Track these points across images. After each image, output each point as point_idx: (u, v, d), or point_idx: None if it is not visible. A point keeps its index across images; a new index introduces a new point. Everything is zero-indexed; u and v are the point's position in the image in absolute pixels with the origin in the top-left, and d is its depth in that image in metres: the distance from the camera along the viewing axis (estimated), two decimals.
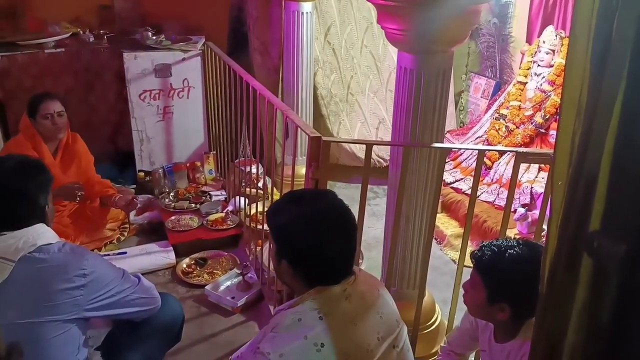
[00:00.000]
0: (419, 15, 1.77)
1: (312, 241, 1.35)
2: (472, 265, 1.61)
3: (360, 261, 2.85)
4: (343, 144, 3.91)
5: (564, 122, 0.75)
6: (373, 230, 3.39)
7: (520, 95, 3.72)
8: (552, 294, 0.83)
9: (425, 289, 2.21)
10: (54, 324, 1.49)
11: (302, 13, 3.36)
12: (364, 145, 1.91)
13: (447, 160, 3.89)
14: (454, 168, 3.76)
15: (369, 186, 3.82)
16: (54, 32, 3.59)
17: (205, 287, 2.69)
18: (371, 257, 2.95)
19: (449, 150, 2.77)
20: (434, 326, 2.29)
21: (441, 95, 1.94)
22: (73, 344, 1.56)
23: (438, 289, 2.72)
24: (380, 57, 4.15)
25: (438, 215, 3.46)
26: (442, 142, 2.02)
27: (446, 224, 3.38)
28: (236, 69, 2.96)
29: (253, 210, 2.84)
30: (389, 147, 2.40)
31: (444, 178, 3.65)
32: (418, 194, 2.07)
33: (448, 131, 4.22)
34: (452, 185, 3.60)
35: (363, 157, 3.86)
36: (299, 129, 2.18)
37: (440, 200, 3.47)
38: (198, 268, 2.91)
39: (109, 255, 2.95)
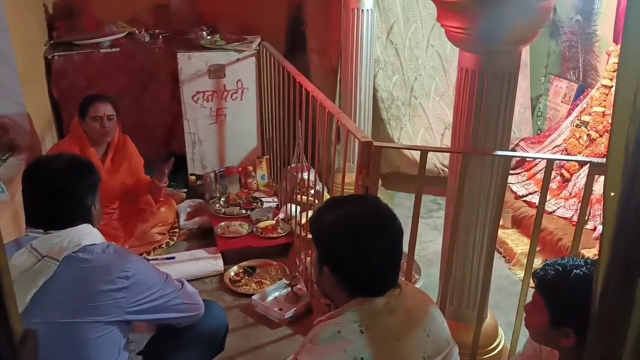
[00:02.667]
0: (482, 12, 1.78)
1: (353, 247, 1.37)
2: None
3: (417, 277, 2.84)
4: (404, 151, 3.90)
5: (617, 128, 0.74)
6: (434, 245, 3.37)
7: (604, 100, 3.60)
8: (605, 315, 0.82)
9: (486, 310, 2.19)
10: (96, 325, 1.58)
11: (363, 11, 3.40)
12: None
13: (520, 171, 3.82)
14: (527, 180, 3.68)
15: (433, 197, 3.90)
16: (109, 32, 3.80)
17: (253, 296, 2.77)
18: (430, 274, 2.93)
19: (511, 158, 2.73)
20: (495, 351, 2.26)
21: (507, 98, 1.92)
22: (114, 346, 1.65)
23: (503, 311, 2.67)
24: (447, 58, 4.12)
25: (508, 232, 3.39)
26: (507, 150, 2.00)
27: (516, 241, 3.31)
28: (290, 69, 3.03)
29: (305, 219, 2.89)
30: None
31: (515, 190, 3.61)
32: (479, 205, 2.05)
33: (522, 139, 4.13)
34: (524, 198, 3.52)
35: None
36: (350, 134, 2.21)
37: (510, 215, 3.41)
38: (246, 277, 2.99)
39: (157, 259, 3.09)
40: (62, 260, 1.58)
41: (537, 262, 2.64)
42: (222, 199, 3.61)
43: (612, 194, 0.77)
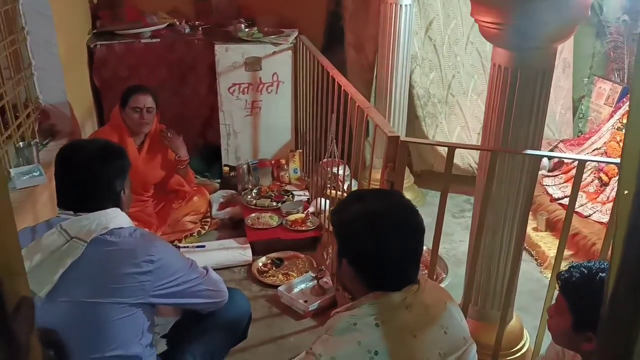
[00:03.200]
0: (516, 8, 1.74)
1: (371, 242, 1.37)
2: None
3: (444, 275, 2.81)
4: (438, 149, 3.87)
5: (633, 123, 0.72)
6: (464, 245, 3.32)
7: None
8: (616, 317, 0.80)
9: (510, 311, 2.15)
10: (120, 307, 1.62)
11: (402, 6, 3.37)
12: (461, 150, 1.90)
13: (557, 174, 3.73)
14: (564, 182, 3.59)
15: (466, 197, 3.84)
16: (151, 22, 3.87)
17: (279, 287, 2.80)
18: (458, 274, 2.90)
19: (541, 158, 2.65)
20: (519, 353, 2.22)
21: (540, 97, 1.88)
22: (137, 328, 1.69)
23: (532, 314, 2.62)
24: (487, 56, 4.05)
25: (541, 234, 3.33)
26: (539, 150, 1.96)
27: (549, 244, 3.23)
28: (324, 63, 3.03)
29: None
30: None
31: (551, 193, 3.53)
32: (508, 205, 2.02)
33: (562, 140, 4.04)
34: (560, 201, 3.44)
35: (459, 163, 3.85)
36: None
37: (545, 218, 3.34)
38: (274, 268, 3.03)
39: (188, 247, 3.15)
40: (90, 241, 1.62)
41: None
42: (254, 190, 3.66)
43: (626, 191, 0.75)
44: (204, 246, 3.18)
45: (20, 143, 2.77)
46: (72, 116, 3.29)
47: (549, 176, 3.72)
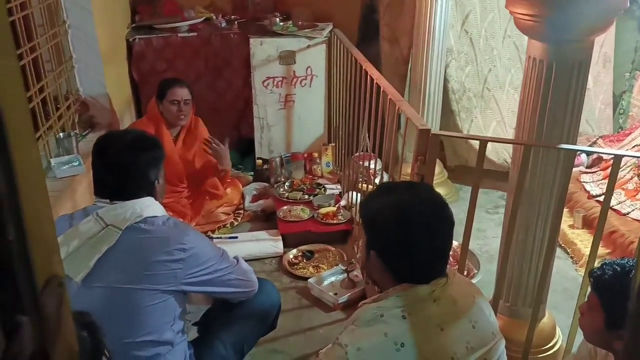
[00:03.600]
0: None
1: (399, 234, 1.36)
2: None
3: (475, 271, 2.78)
4: (472, 144, 3.82)
5: None
6: (497, 242, 3.26)
7: None
8: None
9: (542, 308, 2.12)
10: (152, 293, 1.67)
11: None
12: (496, 145, 1.88)
13: (596, 170, 3.65)
14: (602, 179, 3.50)
15: (501, 193, 3.79)
16: (188, 17, 3.93)
17: (309, 280, 2.82)
18: (490, 270, 2.86)
19: (576, 153, 2.61)
20: (551, 351, 2.19)
21: (575, 90, 1.84)
22: (169, 314, 1.73)
23: (565, 313, 2.57)
24: (525, 49, 3.98)
25: (578, 232, 3.26)
26: (575, 144, 1.92)
27: (586, 242, 3.16)
28: (358, 56, 3.03)
29: None
30: None
31: (589, 190, 3.45)
32: (541, 200, 1.99)
33: (601, 136, 3.94)
34: (597, 198, 3.36)
35: (494, 158, 3.79)
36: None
37: (582, 215, 3.27)
38: (304, 260, 3.05)
39: (220, 238, 3.20)
40: (125, 229, 1.67)
41: None
42: (287, 183, 3.68)
43: None
44: (236, 237, 3.22)
45: (61, 134, 2.85)
46: (111, 108, 3.37)
47: (587, 172, 3.64)
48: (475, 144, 3.76)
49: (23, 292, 0.48)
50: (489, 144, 3.81)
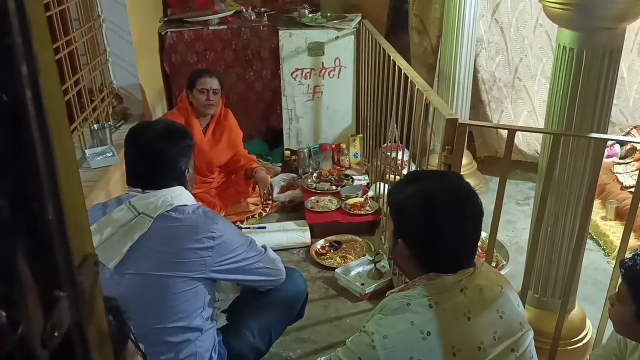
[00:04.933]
0: None
1: (426, 223, 1.36)
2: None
3: (504, 263, 2.77)
4: (503, 134, 3.78)
5: None
6: (527, 233, 3.24)
7: None
8: None
9: (571, 300, 2.11)
10: (182, 280, 1.71)
11: None
12: (527, 135, 1.87)
13: (629, 161, 3.58)
14: (635, 170, 3.44)
15: (532, 184, 3.75)
16: (219, 10, 3.98)
17: (336, 270, 2.84)
18: (520, 262, 2.84)
19: (606, 142, 2.56)
20: (581, 343, 2.17)
21: (607, 78, 1.82)
22: (199, 301, 1.78)
23: (596, 305, 2.54)
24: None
25: (610, 223, 3.21)
26: (605, 134, 1.90)
27: (618, 234, 3.10)
28: (386, 47, 3.02)
29: None
30: None
31: (622, 181, 3.39)
32: (571, 191, 1.97)
33: (635, 127, 3.86)
34: (630, 189, 3.30)
35: (525, 149, 3.75)
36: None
37: (615, 207, 3.22)
38: (332, 250, 3.08)
39: (249, 228, 3.24)
40: (156, 217, 1.71)
41: None
42: (315, 174, 3.71)
43: None
44: (264, 227, 3.26)
45: (95, 125, 2.93)
46: (144, 100, 3.44)
47: (620, 163, 3.57)
48: (505, 134, 3.74)
49: (61, 268, 0.51)
50: (520, 135, 3.83)
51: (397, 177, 2.98)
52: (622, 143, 3.51)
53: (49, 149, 0.47)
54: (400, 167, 3.01)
